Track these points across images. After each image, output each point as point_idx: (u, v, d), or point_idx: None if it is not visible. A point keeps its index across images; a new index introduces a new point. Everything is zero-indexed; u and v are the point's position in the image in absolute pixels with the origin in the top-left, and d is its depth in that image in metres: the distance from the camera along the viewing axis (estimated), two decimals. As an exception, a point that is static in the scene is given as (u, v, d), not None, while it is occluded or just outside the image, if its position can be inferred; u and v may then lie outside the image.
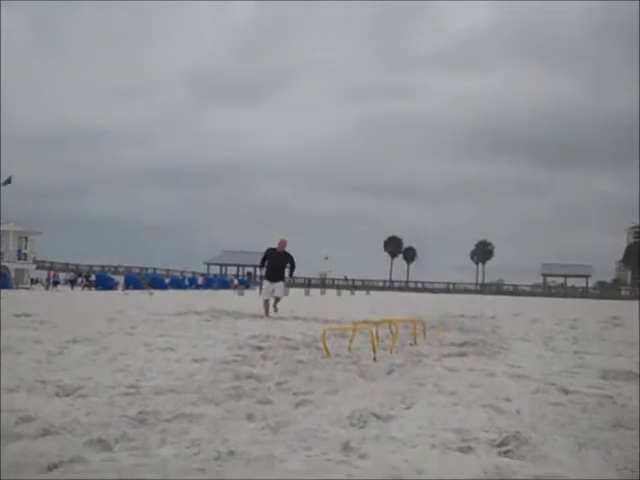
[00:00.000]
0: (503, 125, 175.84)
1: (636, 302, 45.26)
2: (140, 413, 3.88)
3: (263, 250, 15.79)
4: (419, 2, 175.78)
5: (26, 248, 64.80)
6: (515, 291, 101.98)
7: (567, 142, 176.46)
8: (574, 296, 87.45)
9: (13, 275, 56.02)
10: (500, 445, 3.35)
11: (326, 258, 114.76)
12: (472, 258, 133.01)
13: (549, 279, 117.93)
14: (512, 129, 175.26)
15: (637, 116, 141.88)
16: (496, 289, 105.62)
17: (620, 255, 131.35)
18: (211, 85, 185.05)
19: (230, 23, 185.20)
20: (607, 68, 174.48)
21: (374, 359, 6.66)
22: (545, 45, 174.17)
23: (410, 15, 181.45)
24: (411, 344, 8.44)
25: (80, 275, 70.90)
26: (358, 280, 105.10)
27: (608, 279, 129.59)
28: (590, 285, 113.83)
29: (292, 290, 59.96)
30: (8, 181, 57.08)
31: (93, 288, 56.21)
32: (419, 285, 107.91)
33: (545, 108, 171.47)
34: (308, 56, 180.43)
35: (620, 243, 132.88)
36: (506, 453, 3.25)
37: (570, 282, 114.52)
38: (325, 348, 7.05)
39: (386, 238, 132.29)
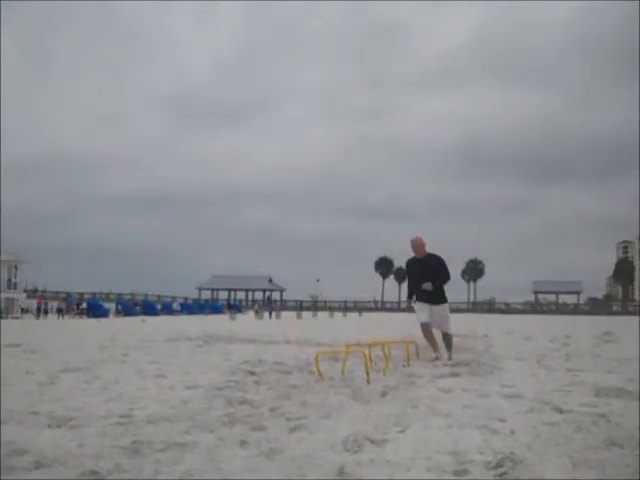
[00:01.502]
0: (488, 145, 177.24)
1: (627, 317, 45.36)
2: (133, 443, 3.85)
3: (254, 274, 14.65)
4: (400, 25, 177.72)
5: (16, 277, 64.48)
6: (507, 309, 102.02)
7: (553, 160, 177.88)
8: (566, 313, 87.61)
9: (3, 305, 55.68)
10: (495, 467, 3.34)
11: (317, 280, 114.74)
12: (463, 277, 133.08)
13: (540, 296, 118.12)
14: (497, 148, 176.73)
15: (621, 133, 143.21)
16: (488, 307, 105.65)
17: (610, 271, 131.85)
18: (197, 109, 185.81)
19: (214, 48, 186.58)
20: (590, 85, 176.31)
21: (367, 381, 6.64)
22: (526, 63, 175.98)
23: (391, 38, 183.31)
24: (404, 365, 8.43)
25: (72, 303, 70.48)
26: (350, 302, 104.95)
27: (599, 295, 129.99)
28: (581, 301, 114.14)
29: (284, 313, 59.86)
30: (-4, 210, 56.90)
31: (84, 316, 55.83)
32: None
33: (529, 126, 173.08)
34: (291, 79, 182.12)
35: (610, 259, 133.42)
36: (502, 475, 3.24)
37: (561, 299, 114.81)
38: (318, 371, 7.03)
39: (377, 259, 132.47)
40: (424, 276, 9.74)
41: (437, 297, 9.88)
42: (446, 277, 10.07)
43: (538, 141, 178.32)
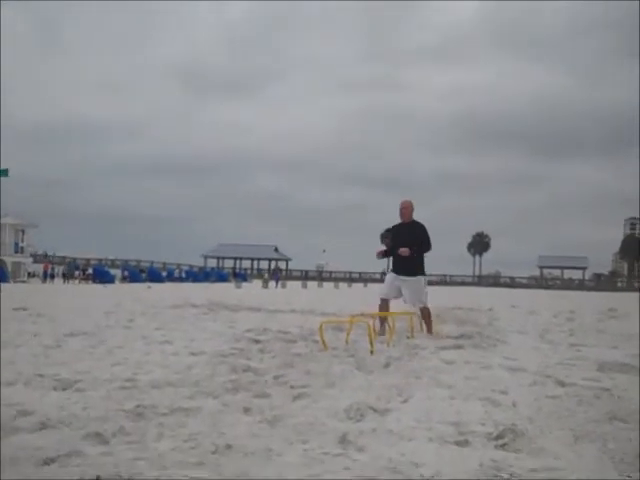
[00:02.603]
0: (495, 117, 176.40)
1: (632, 294, 45.35)
2: (137, 407, 3.89)
3: (260, 243, 14.32)
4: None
5: (23, 241, 64.69)
6: (512, 283, 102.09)
7: (561, 133, 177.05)
8: (571, 288, 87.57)
9: (10, 269, 55.95)
10: (497, 438, 3.36)
11: (324, 251, 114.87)
12: (469, 250, 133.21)
13: (546, 271, 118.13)
14: (504, 121, 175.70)
15: (631, 107, 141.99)
16: (493, 281, 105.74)
17: (617, 247, 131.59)
18: (205, 79, 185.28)
19: (223, 19, 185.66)
20: (599, 59, 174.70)
21: (371, 352, 6.66)
22: (534, 37, 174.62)
23: (399, 9, 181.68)
24: (408, 337, 8.45)
25: (77, 268, 70.82)
26: (355, 273, 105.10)
27: (604, 271, 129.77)
28: (586, 277, 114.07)
29: (289, 283, 60.04)
30: (4, 173, 56.94)
31: (90, 281, 56.11)
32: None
33: (537, 99, 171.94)
34: (301, 50, 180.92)
35: (617, 235, 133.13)
36: (503, 446, 3.26)
37: (567, 274, 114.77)
38: (322, 341, 7.06)
39: (382, 231, 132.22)
40: (405, 242, 9.27)
41: (412, 268, 9.34)
42: (426, 246, 9.55)
43: (546, 115, 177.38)
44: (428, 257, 9.69)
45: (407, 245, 9.19)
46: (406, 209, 9.53)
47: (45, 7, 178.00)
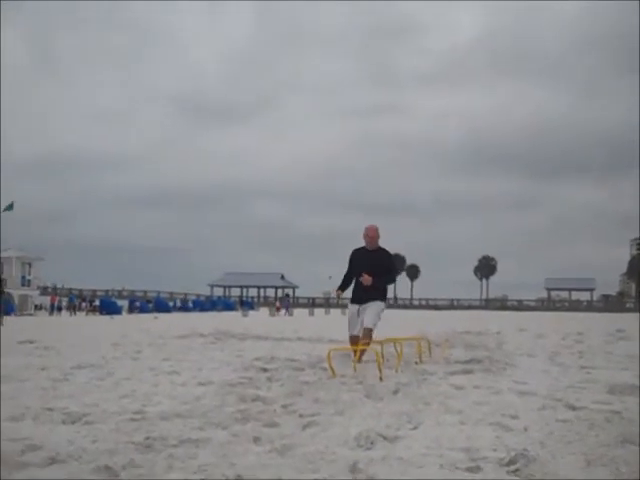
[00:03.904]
0: (497, 141, 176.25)
1: (641, 314, 45.06)
2: (147, 439, 3.87)
3: (265, 271, 14.03)
4: (408, 21, 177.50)
5: (29, 274, 64.86)
6: (519, 306, 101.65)
7: (563, 155, 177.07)
8: (579, 310, 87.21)
9: (17, 301, 56.03)
10: (508, 464, 3.33)
11: (330, 277, 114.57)
12: (475, 274, 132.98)
13: (553, 293, 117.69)
14: (507, 144, 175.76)
15: (631, 128, 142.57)
16: (500, 304, 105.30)
17: (624, 268, 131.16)
18: (204, 106, 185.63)
19: (221, 46, 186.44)
20: (597, 80, 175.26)
21: (380, 379, 6.64)
22: (533, 58, 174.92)
23: (397, 34, 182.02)
24: (416, 362, 8.42)
25: (84, 300, 70.89)
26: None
27: (612, 292, 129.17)
28: (594, 298, 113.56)
29: (296, 310, 59.92)
30: (10, 207, 57.23)
31: (97, 313, 56.11)
32: (423, 302, 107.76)
33: (537, 121, 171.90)
34: (298, 76, 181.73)
35: (623, 256, 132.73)
36: (515, 472, 3.24)
37: (574, 296, 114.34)
38: (330, 368, 7.03)
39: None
40: (368, 270, 8.71)
41: (372, 294, 8.82)
42: (390, 276, 9.19)
43: (548, 136, 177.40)
44: (436, 282, 9.66)
45: (372, 272, 8.70)
46: (372, 235, 9.00)
47: (43, 38, 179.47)
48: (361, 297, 8.95)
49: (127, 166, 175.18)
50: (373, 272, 8.71)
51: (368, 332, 8.67)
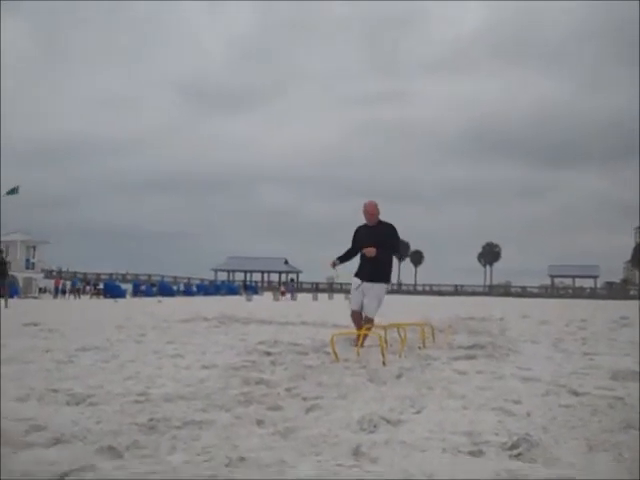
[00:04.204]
0: (501, 128, 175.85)
1: (645, 302, 45.01)
2: (150, 420, 3.89)
3: (268, 255, 13.46)
4: (411, 9, 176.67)
5: (34, 257, 65.06)
6: (523, 293, 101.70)
7: (568, 143, 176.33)
8: (582, 297, 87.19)
9: (21, 284, 56.22)
10: (511, 448, 3.34)
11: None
12: (479, 260, 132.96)
13: (557, 280, 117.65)
14: (511, 132, 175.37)
15: (635, 116, 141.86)
16: (504, 291, 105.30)
17: (628, 255, 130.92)
18: (211, 93, 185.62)
19: (227, 33, 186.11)
20: (603, 67, 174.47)
21: (383, 363, 6.65)
22: (536, 47, 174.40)
23: (403, 22, 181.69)
24: (420, 348, 8.42)
25: (88, 283, 71.09)
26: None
27: (616, 279, 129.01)
28: (598, 285, 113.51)
29: (299, 295, 60.02)
30: (15, 191, 57.34)
31: (101, 296, 56.28)
32: (427, 288, 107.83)
33: (542, 110, 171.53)
34: (304, 63, 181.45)
35: (628, 243, 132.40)
36: (517, 456, 3.25)
37: (578, 283, 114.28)
38: (334, 353, 7.05)
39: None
40: (372, 243, 8.60)
41: (377, 273, 8.76)
42: (395, 248, 9.05)
43: (551, 124, 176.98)
44: (440, 268, 9.59)
45: (375, 246, 8.55)
46: (372, 212, 8.85)
47: (46, 23, 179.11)
48: (366, 273, 8.79)
49: (133, 151, 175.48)
50: (377, 245, 8.58)
51: (370, 321, 8.73)
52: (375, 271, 8.74)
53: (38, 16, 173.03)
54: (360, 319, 8.82)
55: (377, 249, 8.56)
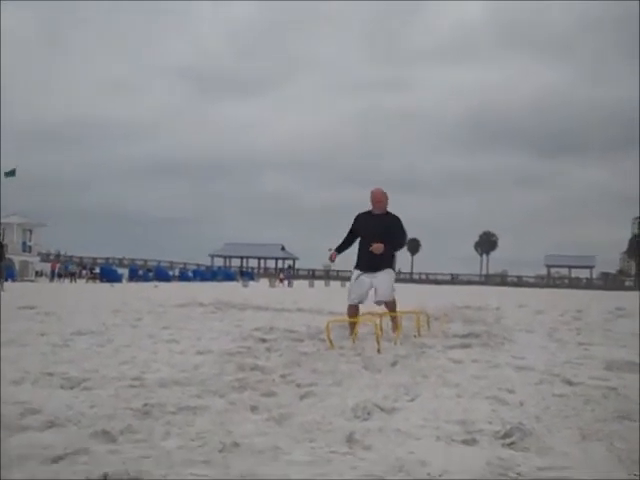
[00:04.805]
0: (501, 117, 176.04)
1: (640, 293, 45.14)
2: (145, 405, 3.89)
3: (266, 242, 13.19)
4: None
5: (30, 240, 64.96)
6: (519, 282, 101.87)
7: (567, 133, 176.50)
8: (578, 287, 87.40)
9: (17, 267, 56.15)
10: (504, 437, 3.35)
11: (330, 249, 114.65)
12: (476, 249, 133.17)
13: (553, 270, 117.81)
14: (510, 121, 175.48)
15: (635, 106, 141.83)
16: (500, 280, 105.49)
17: (624, 246, 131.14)
18: (212, 79, 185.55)
19: (231, 18, 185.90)
20: (604, 58, 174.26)
21: (378, 351, 6.66)
22: (538, 36, 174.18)
23: (404, 10, 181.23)
24: (415, 336, 8.44)
25: (84, 267, 71.05)
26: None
27: (612, 270, 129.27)
28: (594, 276, 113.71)
29: (296, 282, 60.10)
30: (12, 173, 57.15)
31: (97, 281, 56.25)
32: (423, 276, 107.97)
33: (543, 99, 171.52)
34: (307, 51, 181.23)
35: (624, 234, 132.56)
36: (510, 445, 3.26)
37: (574, 273, 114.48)
38: (329, 340, 7.06)
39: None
40: (377, 235, 8.23)
41: (379, 262, 8.36)
42: (401, 242, 8.73)
43: (552, 114, 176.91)
44: (436, 257, 9.50)
45: (379, 239, 8.21)
46: (380, 199, 8.51)
47: (49, 7, 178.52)
48: (369, 264, 8.44)
49: (134, 136, 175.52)
50: (382, 238, 8.23)
51: (392, 305, 8.57)
52: (377, 261, 8.35)
53: (40, 4, 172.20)
54: (357, 314, 8.51)
55: (384, 244, 8.19)
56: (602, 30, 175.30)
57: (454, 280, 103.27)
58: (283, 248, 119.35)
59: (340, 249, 8.83)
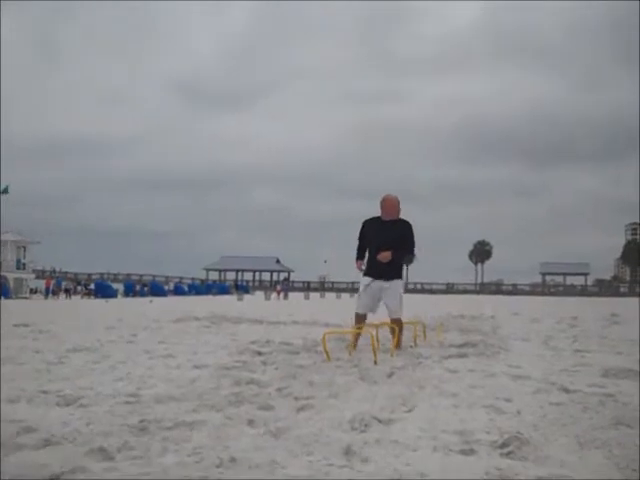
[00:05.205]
0: (495, 127, 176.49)
1: (635, 299, 45.25)
2: (141, 421, 3.88)
3: (261, 255, 12.76)
4: (404, 7, 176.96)
5: (25, 258, 64.78)
6: (514, 290, 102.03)
7: (560, 142, 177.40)
8: (573, 294, 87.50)
9: (12, 285, 55.98)
10: (502, 446, 3.35)
11: (325, 261, 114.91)
12: (470, 258, 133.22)
13: (548, 278, 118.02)
14: (504, 130, 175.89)
15: (629, 114, 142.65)
16: (495, 289, 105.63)
17: (618, 253, 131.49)
18: (203, 92, 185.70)
19: (221, 31, 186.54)
20: (596, 67, 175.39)
21: (375, 362, 6.65)
22: (532, 45, 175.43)
23: (396, 20, 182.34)
24: (411, 346, 8.43)
25: (79, 283, 70.87)
26: (357, 283, 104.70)
27: (607, 277, 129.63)
28: (589, 283, 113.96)
29: (291, 294, 59.95)
30: (5, 191, 57.11)
31: (92, 296, 56.10)
32: (418, 286, 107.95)
33: (536, 108, 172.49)
34: (298, 61, 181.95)
35: (618, 241, 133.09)
36: (508, 454, 3.25)
37: (569, 280, 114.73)
38: (325, 352, 7.04)
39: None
40: (387, 242, 8.02)
41: (391, 270, 8.18)
42: (411, 250, 8.34)
43: (544, 123, 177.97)
44: (431, 266, 9.27)
45: (390, 246, 8.01)
46: (393, 205, 8.26)
47: (43, 22, 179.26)
48: (378, 272, 8.19)
49: (126, 150, 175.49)
50: (393, 245, 8.01)
51: (398, 322, 8.30)
52: (387, 269, 8.14)
53: (35, 15, 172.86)
54: (364, 323, 8.34)
55: (392, 253, 8.01)
56: (594, 40, 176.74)
57: (449, 289, 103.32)
58: (278, 261, 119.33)
59: (360, 257, 8.53)
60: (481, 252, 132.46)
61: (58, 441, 3.46)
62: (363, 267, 8.44)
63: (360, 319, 8.45)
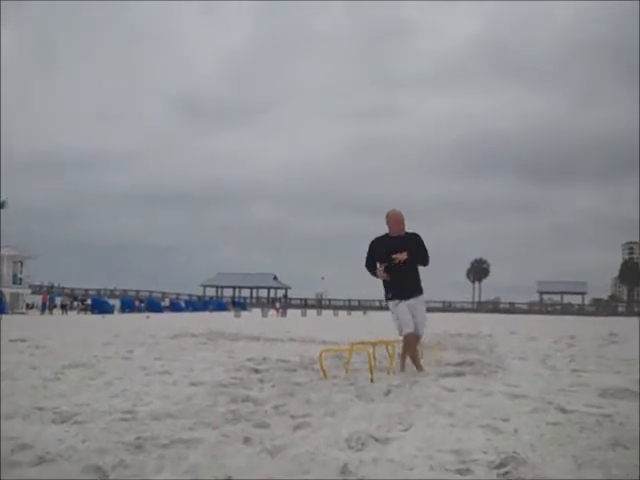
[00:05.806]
0: (494, 144, 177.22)
1: (633, 319, 45.21)
2: (137, 439, 3.86)
3: (259, 271, 13.17)
4: (404, 24, 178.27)
5: (21, 273, 64.63)
6: (512, 309, 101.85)
7: (558, 160, 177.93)
8: (570, 313, 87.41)
9: (8, 300, 55.81)
10: (499, 466, 3.33)
11: (322, 278, 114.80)
12: (468, 276, 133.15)
13: (545, 296, 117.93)
14: (501, 148, 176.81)
15: (628, 132, 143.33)
16: (492, 307, 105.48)
17: (616, 272, 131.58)
18: (202, 107, 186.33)
19: (221, 48, 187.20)
20: (595, 85, 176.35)
21: (371, 380, 6.63)
22: (529, 63, 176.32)
23: (395, 37, 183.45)
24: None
25: (75, 299, 70.70)
26: (355, 300, 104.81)
27: (604, 296, 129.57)
28: (586, 302, 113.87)
29: (288, 311, 59.83)
30: (2, 205, 57.10)
31: (89, 312, 55.94)
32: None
33: (534, 125, 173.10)
34: (296, 78, 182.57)
35: (616, 260, 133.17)
36: (505, 474, 3.24)
37: (566, 299, 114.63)
38: (322, 370, 7.03)
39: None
40: (404, 260, 7.74)
41: (415, 287, 7.98)
42: (425, 260, 8.08)
43: (543, 141, 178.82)
44: (428, 284, 8.91)
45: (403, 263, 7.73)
46: (398, 220, 8.07)
47: (42, 37, 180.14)
48: (403, 291, 7.90)
49: (123, 166, 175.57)
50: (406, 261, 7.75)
51: (418, 339, 8.15)
52: (408, 285, 7.92)
53: (33, 29, 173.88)
54: (418, 342, 8.09)
55: (408, 260, 7.76)
56: (594, 57, 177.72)
57: (446, 307, 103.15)
58: (275, 277, 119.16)
59: (371, 270, 8.10)
60: (478, 270, 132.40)
61: (53, 458, 3.44)
62: (384, 274, 7.90)
63: (414, 338, 7.95)
